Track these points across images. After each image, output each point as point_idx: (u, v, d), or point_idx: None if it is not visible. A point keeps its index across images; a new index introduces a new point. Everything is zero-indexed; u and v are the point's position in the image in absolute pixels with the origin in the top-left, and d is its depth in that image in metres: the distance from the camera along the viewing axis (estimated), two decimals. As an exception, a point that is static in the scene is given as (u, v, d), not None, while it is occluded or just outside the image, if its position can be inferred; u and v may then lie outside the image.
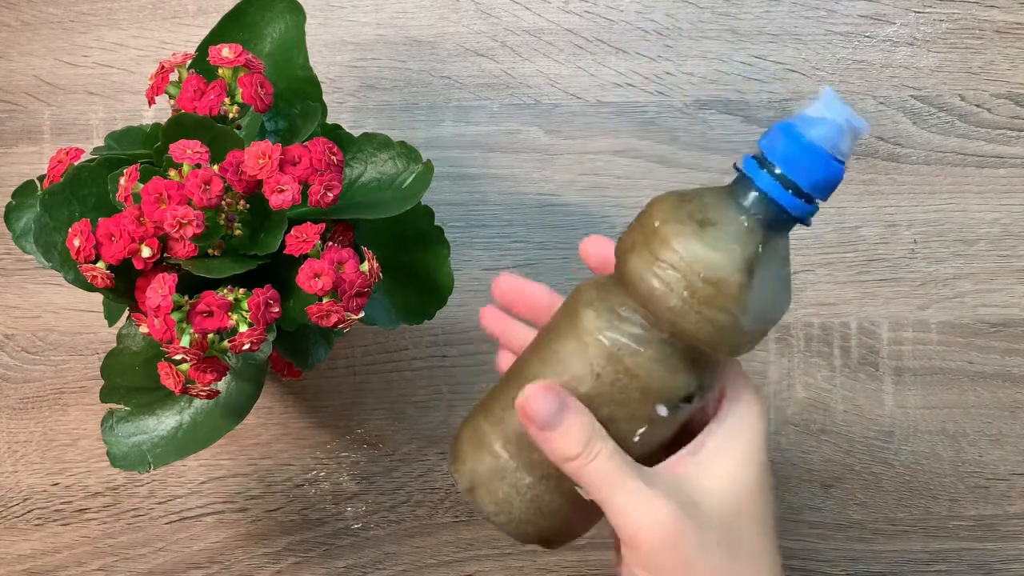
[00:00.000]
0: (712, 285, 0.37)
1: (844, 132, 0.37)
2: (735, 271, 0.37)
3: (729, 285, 0.37)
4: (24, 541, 0.61)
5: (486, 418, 0.43)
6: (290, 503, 0.61)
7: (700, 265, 0.37)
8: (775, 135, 0.38)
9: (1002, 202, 0.61)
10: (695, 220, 0.38)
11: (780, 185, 0.37)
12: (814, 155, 0.37)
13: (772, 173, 0.37)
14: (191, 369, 0.44)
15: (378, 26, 0.62)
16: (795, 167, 0.37)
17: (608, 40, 0.61)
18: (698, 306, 0.37)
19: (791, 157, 0.37)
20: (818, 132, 0.37)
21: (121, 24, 0.62)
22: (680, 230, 0.38)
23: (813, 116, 0.37)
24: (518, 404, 0.40)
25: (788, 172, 0.37)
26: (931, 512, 0.61)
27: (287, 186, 0.43)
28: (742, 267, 0.37)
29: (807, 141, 0.37)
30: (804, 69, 0.61)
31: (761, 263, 0.37)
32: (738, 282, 0.37)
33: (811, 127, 0.37)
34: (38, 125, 0.62)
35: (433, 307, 0.51)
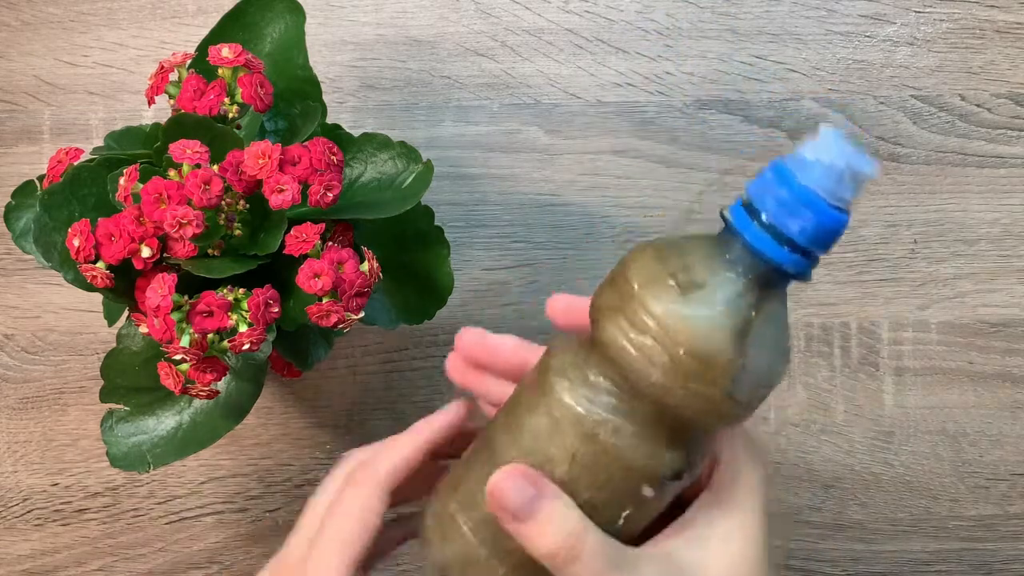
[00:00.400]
0: (699, 359, 0.32)
1: (844, 176, 0.32)
2: (725, 343, 0.33)
3: (718, 359, 0.32)
4: (24, 541, 0.61)
5: (454, 497, 0.38)
6: (290, 503, 0.61)
7: (684, 336, 0.32)
8: (765, 179, 0.33)
9: (1002, 202, 0.61)
10: (677, 282, 0.33)
11: (772, 238, 0.32)
12: (809, 202, 0.32)
13: (761, 223, 0.33)
14: (191, 369, 0.44)
15: (378, 26, 0.61)
16: (787, 217, 0.32)
17: (608, 40, 0.61)
18: (683, 381, 0.33)
19: (782, 205, 0.32)
20: (813, 176, 0.32)
21: (121, 24, 0.62)
22: (660, 295, 0.33)
23: (808, 158, 0.32)
24: (488, 491, 0.35)
25: (779, 223, 0.32)
26: (931, 512, 0.61)
27: (287, 186, 0.43)
28: (732, 338, 0.33)
29: (799, 186, 0.32)
30: (804, 69, 0.61)
31: (755, 328, 0.33)
32: (728, 355, 0.33)
33: (805, 170, 0.32)
34: (38, 125, 0.62)
35: (433, 307, 0.51)
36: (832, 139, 0.32)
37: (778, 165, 0.33)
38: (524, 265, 0.61)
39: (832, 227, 0.33)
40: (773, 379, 0.34)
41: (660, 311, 0.33)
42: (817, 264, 0.34)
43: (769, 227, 0.32)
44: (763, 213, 0.33)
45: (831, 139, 0.32)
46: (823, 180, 0.32)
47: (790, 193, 0.32)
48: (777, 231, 0.32)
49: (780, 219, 0.32)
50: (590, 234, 0.61)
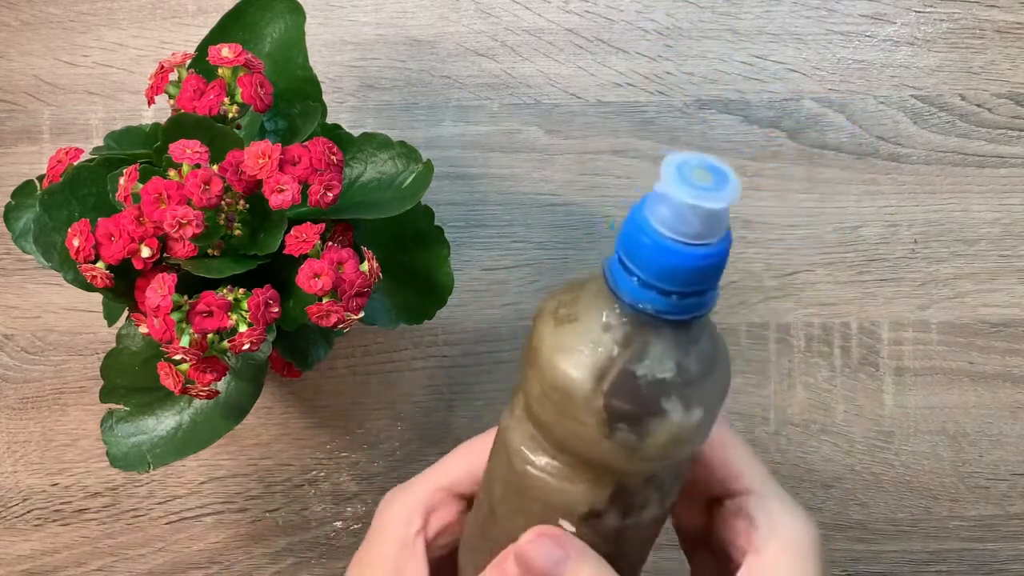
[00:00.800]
0: (559, 391, 0.32)
1: (686, 211, 0.29)
2: (583, 377, 0.31)
3: (575, 392, 0.31)
4: (24, 541, 0.61)
5: (463, 542, 0.39)
6: (290, 503, 0.61)
7: (548, 367, 0.32)
8: (629, 214, 0.31)
9: (1003, 202, 0.61)
10: (555, 316, 0.32)
11: (624, 273, 0.31)
12: (647, 238, 0.30)
13: (618, 259, 0.31)
14: (191, 369, 0.44)
15: (378, 26, 0.61)
16: (635, 253, 0.30)
17: (608, 40, 0.61)
18: (556, 415, 0.32)
19: (629, 241, 0.30)
20: (656, 211, 0.30)
21: (121, 24, 0.62)
22: (542, 327, 0.32)
23: (657, 191, 0.30)
24: (516, 557, 0.35)
25: (627, 258, 0.30)
26: (931, 512, 0.61)
27: (287, 186, 0.43)
28: (591, 373, 0.31)
29: (638, 220, 0.30)
30: (804, 69, 0.61)
31: (623, 366, 0.31)
32: (585, 390, 0.31)
33: (651, 204, 0.30)
34: (37, 125, 0.62)
35: (433, 307, 0.51)
36: (670, 172, 0.30)
37: (638, 202, 0.31)
38: (524, 265, 0.61)
39: (683, 265, 0.30)
40: (676, 428, 0.32)
41: (536, 342, 0.32)
42: (702, 303, 0.31)
43: (621, 262, 0.31)
44: (618, 249, 0.31)
45: (670, 172, 0.30)
46: (665, 215, 0.30)
47: (630, 228, 0.30)
48: (627, 267, 0.31)
49: (628, 255, 0.31)
50: (590, 234, 0.61)
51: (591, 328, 0.32)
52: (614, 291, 0.31)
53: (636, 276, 0.30)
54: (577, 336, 0.32)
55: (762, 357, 0.61)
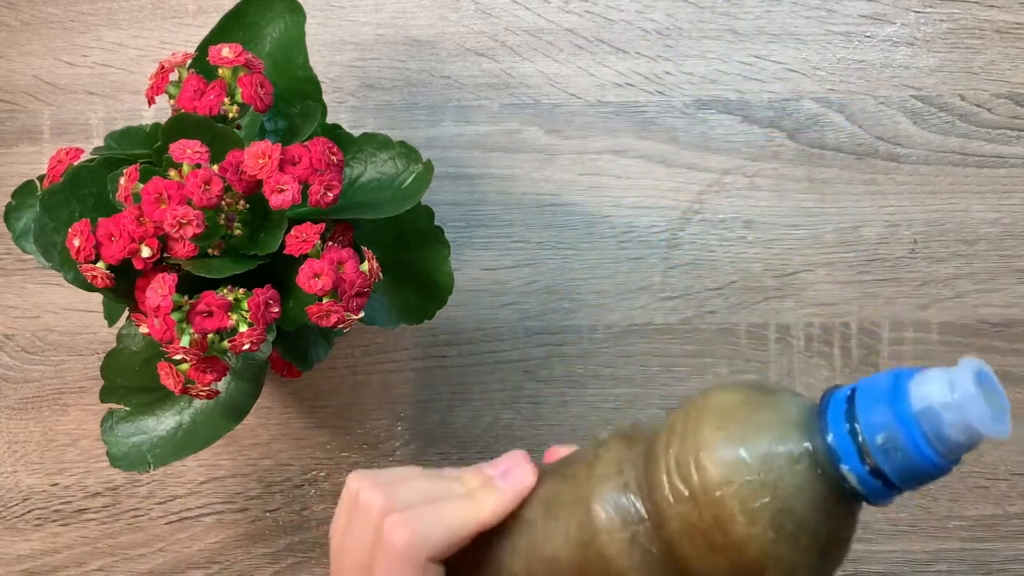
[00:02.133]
0: (720, 528, 0.30)
1: (962, 427, 0.27)
2: (758, 524, 0.29)
3: (744, 537, 0.29)
4: (24, 541, 0.61)
5: None
6: (290, 503, 0.61)
7: (714, 495, 0.30)
8: (879, 387, 0.28)
9: (1002, 202, 0.61)
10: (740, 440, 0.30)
11: (856, 450, 0.28)
12: (912, 440, 0.27)
13: (852, 430, 0.29)
14: (191, 369, 0.44)
15: (378, 26, 0.61)
16: (889, 448, 0.28)
17: (608, 40, 0.61)
18: (699, 540, 0.30)
19: (882, 427, 0.28)
20: (930, 414, 0.27)
21: (121, 24, 0.62)
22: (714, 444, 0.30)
23: (935, 389, 0.27)
24: None
25: (870, 442, 0.28)
26: (931, 512, 0.61)
27: (287, 186, 0.43)
28: (768, 521, 0.29)
29: (911, 418, 0.27)
30: (804, 69, 0.61)
31: (795, 517, 0.29)
32: (756, 532, 0.29)
33: (925, 402, 0.27)
34: (38, 125, 0.62)
35: (433, 307, 0.51)
36: (969, 383, 0.27)
37: (901, 380, 0.29)
38: (524, 265, 0.61)
39: (925, 472, 0.28)
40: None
41: (707, 457, 0.30)
42: (893, 497, 0.30)
43: (858, 439, 0.29)
44: (860, 422, 0.29)
45: (969, 383, 0.27)
46: (937, 421, 0.27)
47: (897, 420, 0.28)
48: (864, 447, 0.29)
49: (872, 439, 0.28)
50: (590, 234, 0.61)
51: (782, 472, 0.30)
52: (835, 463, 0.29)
53: (874, 465, 0.28)
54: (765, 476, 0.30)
55: (762, 357, 0.61)
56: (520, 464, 0.39)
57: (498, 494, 0.38)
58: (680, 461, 0.31)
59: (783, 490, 0.29)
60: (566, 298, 0.61)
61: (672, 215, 0.61)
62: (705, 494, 0.30)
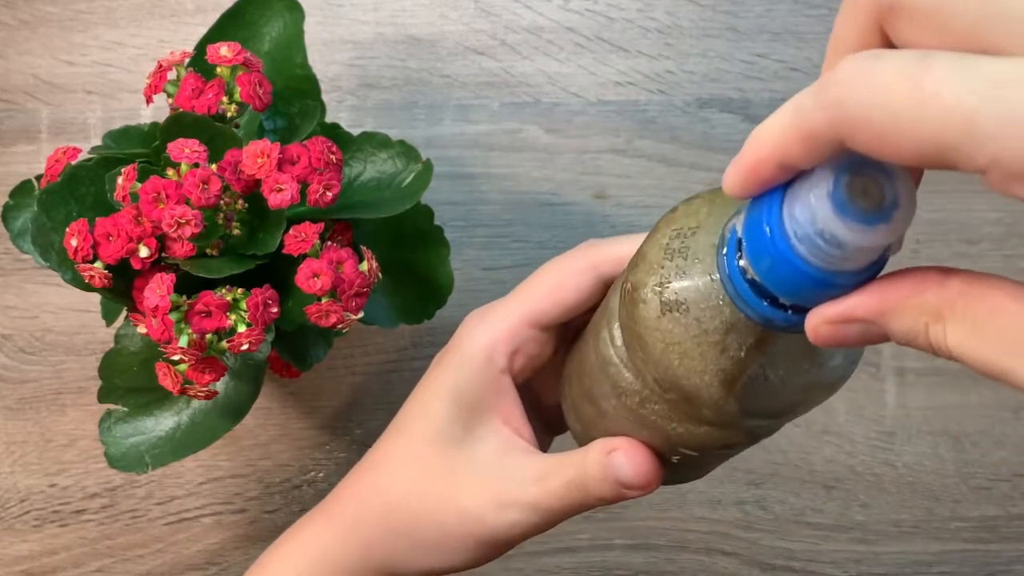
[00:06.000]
0: (683, 393, 0.31)
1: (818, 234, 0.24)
2: (709, 386, 0.30)
3: (705, 399, 0.31)
4: (22, 543, 0.61)
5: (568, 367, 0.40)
6: (288, 504, 0.61)
7: (669, 372, 0.31)
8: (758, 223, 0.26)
9: (1005, 202, 0.60)
10: (660, 300, 0.31)
11: (752, 294, 0.27)
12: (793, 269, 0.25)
13: (743, 275, 0.27)
14: (189, 369, 0.43)
15: (377, 24, 0.61)
16: (772, 277, 0.26)
17: (609, 38, 0.61)
18: (682, 404, 0.32)
19: (761, 259, 0.26)
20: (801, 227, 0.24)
21: (119, 23, 0.62)
22: (641, 313, 0.31)
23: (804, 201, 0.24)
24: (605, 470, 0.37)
25: (764, 279, 0.26)
26: (934, 513, 0.61)
27: (286, 185, 0.43)
28: (719, 381, 0.30)
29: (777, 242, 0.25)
30: (806, 68, 0.61)
31: (767, 371, 0.30)
32: (712, 398, 0.31)
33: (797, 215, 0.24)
34: (35, 124, 0.61)
35: (433, 307, 0.51)
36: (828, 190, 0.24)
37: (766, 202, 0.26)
38: (524, 265, 0.61)
39: (824, 292, 0.26)
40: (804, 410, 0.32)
41: (641, 327, 0.31)
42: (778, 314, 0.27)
43: (749, 280, 0.27)
44: (734, 264, 0.27)
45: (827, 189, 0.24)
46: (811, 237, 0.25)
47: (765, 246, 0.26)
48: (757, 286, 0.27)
49: (763, 275, 0.27)
50: (590, 234, 0.60)
51: (710, 328, 0.29)
52: (740, 305, 0.28)
53: (769, 297, 0.27)
54: (693, 336, 0.30)
55: (763, 357, 0.60)
56: None
57: None
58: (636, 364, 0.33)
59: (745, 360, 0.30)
60: (566, 298, 0.60)
61: (673, 215, 0.60)
62: (685, 396, 0.31)
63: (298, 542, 0.43)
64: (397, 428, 0.43)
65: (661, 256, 0.31)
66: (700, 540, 0.60)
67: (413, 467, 0.41)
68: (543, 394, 0.45)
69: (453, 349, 0.42)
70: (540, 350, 0.42)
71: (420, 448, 0.41)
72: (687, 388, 0.31)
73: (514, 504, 0.39)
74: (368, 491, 0.42)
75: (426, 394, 0.42)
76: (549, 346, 0.42)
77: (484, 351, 0.41)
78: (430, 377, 0.43)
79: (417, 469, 0.41)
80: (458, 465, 0.40)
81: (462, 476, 0.40)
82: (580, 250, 0.41)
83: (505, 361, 0.41)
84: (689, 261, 0.30)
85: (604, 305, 0.38)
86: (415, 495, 0.41)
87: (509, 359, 0.41)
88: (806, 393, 0.31)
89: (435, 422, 0.41)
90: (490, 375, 0.41)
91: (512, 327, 0.41)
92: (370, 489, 0.42)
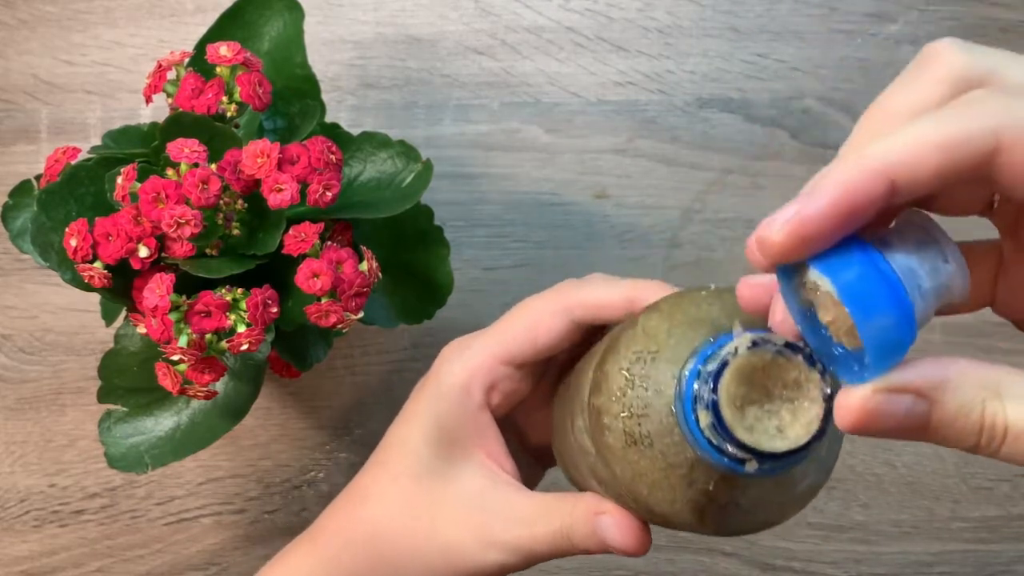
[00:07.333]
0: (654, 514, 0.32)
1: None
2: (680, 512, 0.31)
3: (675, 520, 0.31)
4: (22, 543, 0.61)
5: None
6: (288, 504, 0.61)
7: (639, 497, 0.31)
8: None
9: (1005, 201, 0.60)
10: (625, 431, 0.31)
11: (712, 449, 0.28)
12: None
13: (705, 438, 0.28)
14: (189, 370, 0.43)
15: (377, 24, 0.61)
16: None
17: (609, 38, 0.61)
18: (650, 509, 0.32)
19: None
20: None
21: (119, 22, 0.62)
22: (608, 442, 0.31)
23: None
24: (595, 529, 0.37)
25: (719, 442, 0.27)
26: (934, 514, 0.60)
27: (285, 185, 0.43)
28: (689, 509, 0.30)
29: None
30: (806, 67, 0.61)
31: (735, 499, 0.30)
32: (682, 519, 0.31)
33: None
34: (35, 124, 0.61)
35: (433, 307, 0.51)
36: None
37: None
38: (524, 265, 0.61)
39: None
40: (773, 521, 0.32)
41: (607, 453, 0.31)
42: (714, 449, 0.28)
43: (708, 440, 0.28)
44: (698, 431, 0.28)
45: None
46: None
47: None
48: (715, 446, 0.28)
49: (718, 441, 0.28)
50: (590, 234, 0.60)
51: (675, 462, 0.30)
52: (701, 455, 0.28)
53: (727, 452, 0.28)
54: (660, 468, 0.30)
55: (763, 357, 0.60)
56: None
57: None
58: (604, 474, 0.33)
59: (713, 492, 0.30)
60: (566, 298, 0.60)
61: (673, 214, 0.60)
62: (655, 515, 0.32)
63: (283, 570, 0.44)
64: (378, 461, 0.43)
65: (623, 382, 0.31)
66: (700, 540, 0.60)
67: (396, 500, 0.41)
68: (528, 430, 0.46)
69: (431, 382, 0.42)
70: (516, 386, 0.42)
71: (403, 481, 0.41)
72: (659, 513, 0.31)
73: (498, 544, 0.39)
74: (353, 522, 0.43)
75: (406, 427, 0.43)
76: (526, 383, 0.42)
77: (461, 386, 0.41)
78: (410, 409, 0.43)
79: (400, 502, 0.41)
80: (442, 499, 0.41)
81: (446, 511, 0.40)
82: (556, 292, 0.41)
83: (482, 396, 0.41)
84: (651, 393, 0.31)
85: (577, 384, 0.37)
86: (399, 528, 0.41)
87: (486, 394, 0.41)
88: (780, 512, 0.32)
89: (416, 455, 0.41)
90: (469, 410, 0.41)
91: (487, 364, 0.41)
92: (355, 520, 0.43)
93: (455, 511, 0.40)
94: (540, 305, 0.41)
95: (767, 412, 0.27)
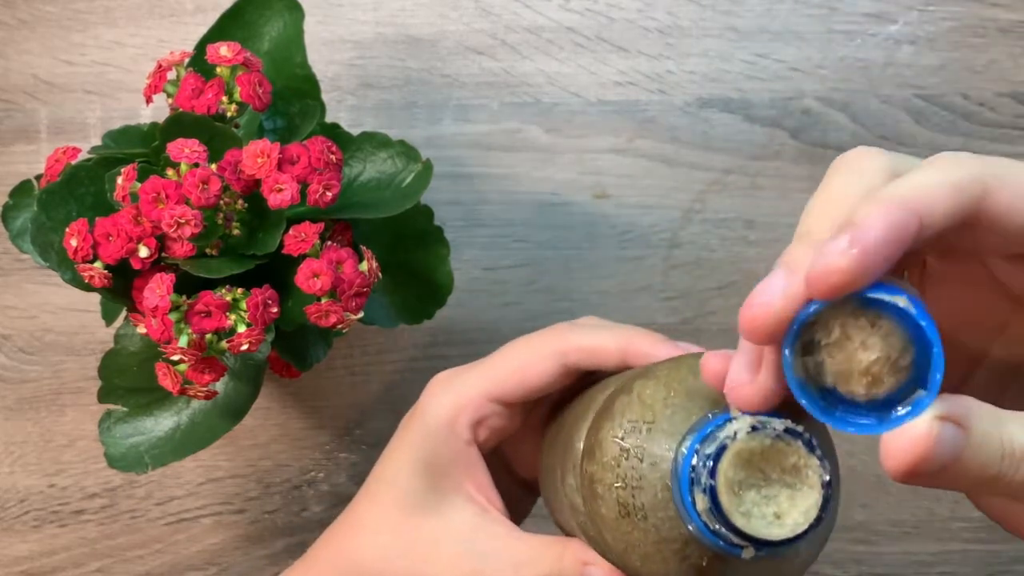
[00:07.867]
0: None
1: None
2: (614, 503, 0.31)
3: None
4: (21, 543, 0.61)
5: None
6: (288, 504, 0.61)
7: (631, 567, 0.31)
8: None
9: None
10: (618, 501, 0.31)
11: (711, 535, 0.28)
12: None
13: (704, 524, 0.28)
14: (189, 370, 0.43)
15: (377, 24, 0.61)
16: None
17: (609, 38, 0.61)
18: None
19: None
20: None
21: (119, 22, 0.62)
22: (599, 511, 0.32)
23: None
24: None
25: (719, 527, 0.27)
26: (934, 514, 0.60)
27: (285, 185, 0.43)
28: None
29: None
30: (806, 68, 0.61)
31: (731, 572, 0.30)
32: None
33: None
34: (35, 124, 0.61)
35: (433, 307, 0.51)
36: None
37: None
38: (524, 265, 0.61)
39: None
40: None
41: (599, 522, 0.31)
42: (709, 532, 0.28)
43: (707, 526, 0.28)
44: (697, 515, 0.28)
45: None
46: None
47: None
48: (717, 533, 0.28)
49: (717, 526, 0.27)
50: (590, 234, 0.60)
51: (668, 537, 0.30)
52: (698, 537, 0.28)
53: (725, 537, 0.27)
54: (654, 541, 0.30)
55: (763, 357, 0.60)
56: None
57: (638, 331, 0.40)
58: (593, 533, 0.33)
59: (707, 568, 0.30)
60: (566, 298, 0.60)
61: (673, 214, 0.60)
62: None
63: None
64: (368, 494, 0.44)
65: (617, 452, 0.31)
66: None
67: (385, 534, 0.42)
68: (516, 462, 0.46)
69: (418, 416, 0.43)
70: (504, 423, 0.42)
71: (393, 515, 0.42)
72: None
73: None
74: (344, 555, 0.43)
75: (394, 461, 0.43)
76: (514, 420, 0.42)
77: (447, 422, 0.41)
78: (397, 442, 0.43)
79: (389, 536, 0.42)
80: (431, 535, 0.41)
81: (436, 548, 0.41)
82: (549, 334, 0.41)
83: (469, 433, 0.41)
84: (646, 465, 0.30)
85: (568, 438, 0.37)
86: (389, 564, 0.41)
87: (473, 430, 0.42)
88: None
89: (404, 489, 0.42)
90: (456, 445, 0.41)
91: (474, 400, 0.41)
92: (345, 553, 0.43)
93: (446, 550, 0.40)
94: (532, 346, 0.41)
95: (764, 497, 0.27)
